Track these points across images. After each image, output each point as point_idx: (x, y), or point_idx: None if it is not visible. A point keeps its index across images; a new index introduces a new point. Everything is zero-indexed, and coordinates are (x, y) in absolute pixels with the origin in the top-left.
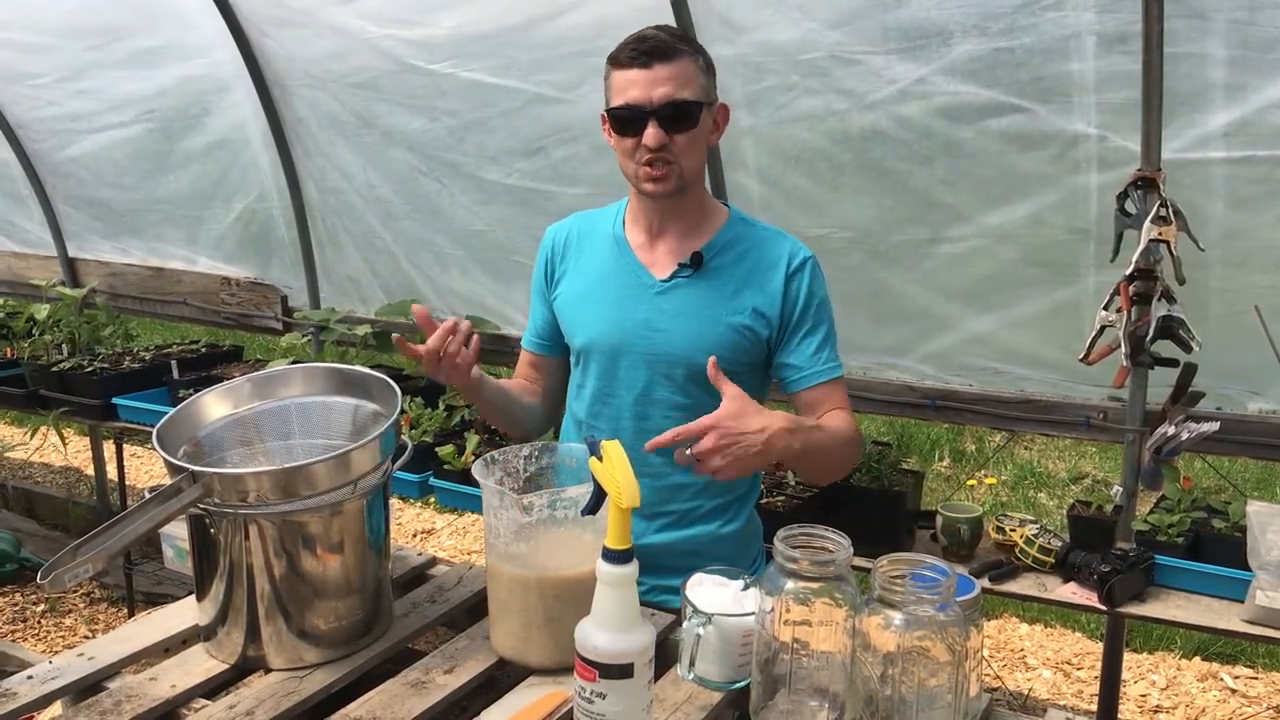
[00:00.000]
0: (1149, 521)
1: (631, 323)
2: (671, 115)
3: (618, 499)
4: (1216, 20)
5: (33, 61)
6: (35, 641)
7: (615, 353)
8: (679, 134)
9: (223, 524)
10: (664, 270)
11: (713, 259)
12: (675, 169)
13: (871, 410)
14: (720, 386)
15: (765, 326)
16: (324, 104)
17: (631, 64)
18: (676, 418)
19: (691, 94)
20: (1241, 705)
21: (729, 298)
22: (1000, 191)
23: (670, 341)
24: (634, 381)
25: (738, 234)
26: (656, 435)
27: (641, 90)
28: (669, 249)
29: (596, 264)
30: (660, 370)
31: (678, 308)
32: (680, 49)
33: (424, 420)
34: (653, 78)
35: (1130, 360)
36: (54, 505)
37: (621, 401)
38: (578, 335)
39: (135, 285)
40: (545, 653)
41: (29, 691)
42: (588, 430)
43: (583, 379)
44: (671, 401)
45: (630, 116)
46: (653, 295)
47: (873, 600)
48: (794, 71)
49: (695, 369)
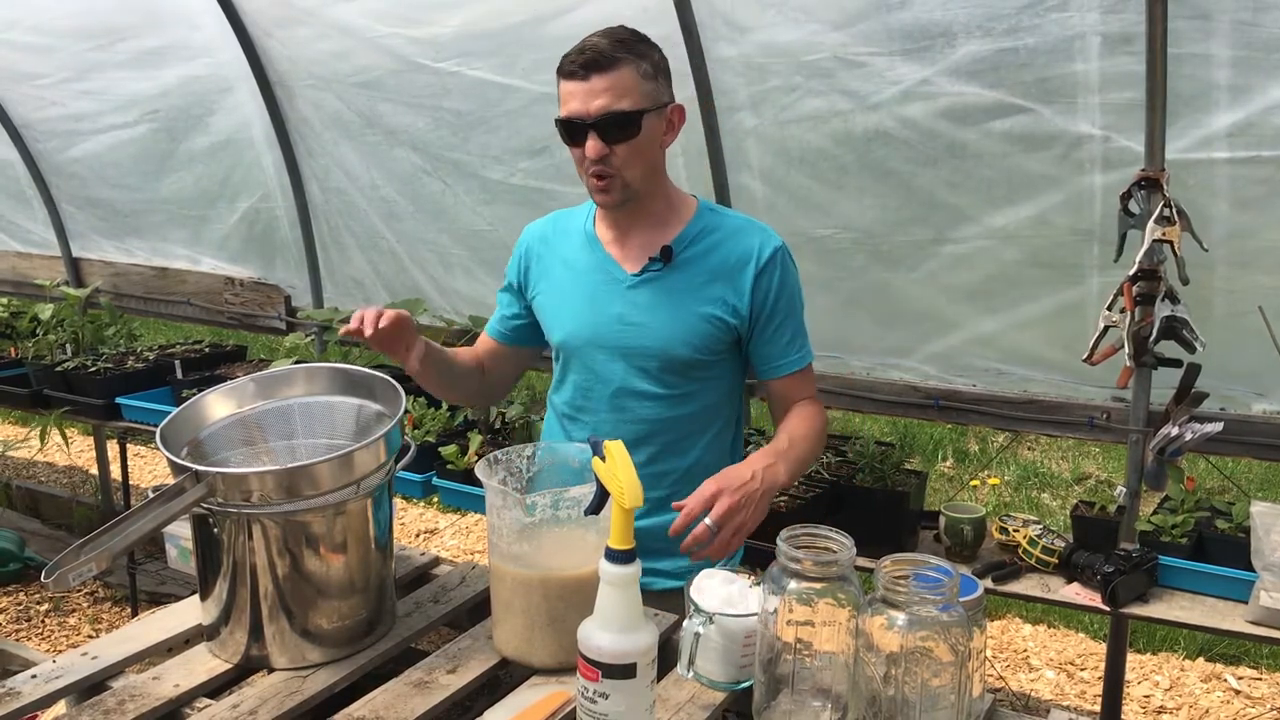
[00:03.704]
0: (1153, 522)
1: (605, 317)
2: (610, 126)
3: (620, 499)
4: (1221, 21)
5: (37, 62)
6: (39, 641)
7: (591, 347)
8: (619, 144)
9: (226, 524)
10: (635, 265)
11: (683, 251)
12: (617, 181)
13: (874, 410)
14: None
15: (735, 318)
16: (328, 104)
17: (572, 75)
18: (654, 408)
19: (630, 104)
20: (1245, 706)
21: (699, 289)
22: (1004, 192)
23: (644, 335)
24: (611, 375)
25: (707, 225)
26: (635, 425)
27: (580, 102)
28: (639, 244)
29: (571, 261)
30: (636, 363)
31: (649, 301)
32: (619, 57)
33: (427, 420)
34: (590, 89)
35: (1134, 361)
36: (58, 505)
37: (600, 395)
38: (555, 332)
39: (139, 285)
40: (548, 652)
41: (33, 690)
42: (570, 424)
43: (562, 374)
44: (648, 393)
45: (571, 129)
46: (624, 290)
47: (876, 600)
48: (797, 72)
49: (670, 360)
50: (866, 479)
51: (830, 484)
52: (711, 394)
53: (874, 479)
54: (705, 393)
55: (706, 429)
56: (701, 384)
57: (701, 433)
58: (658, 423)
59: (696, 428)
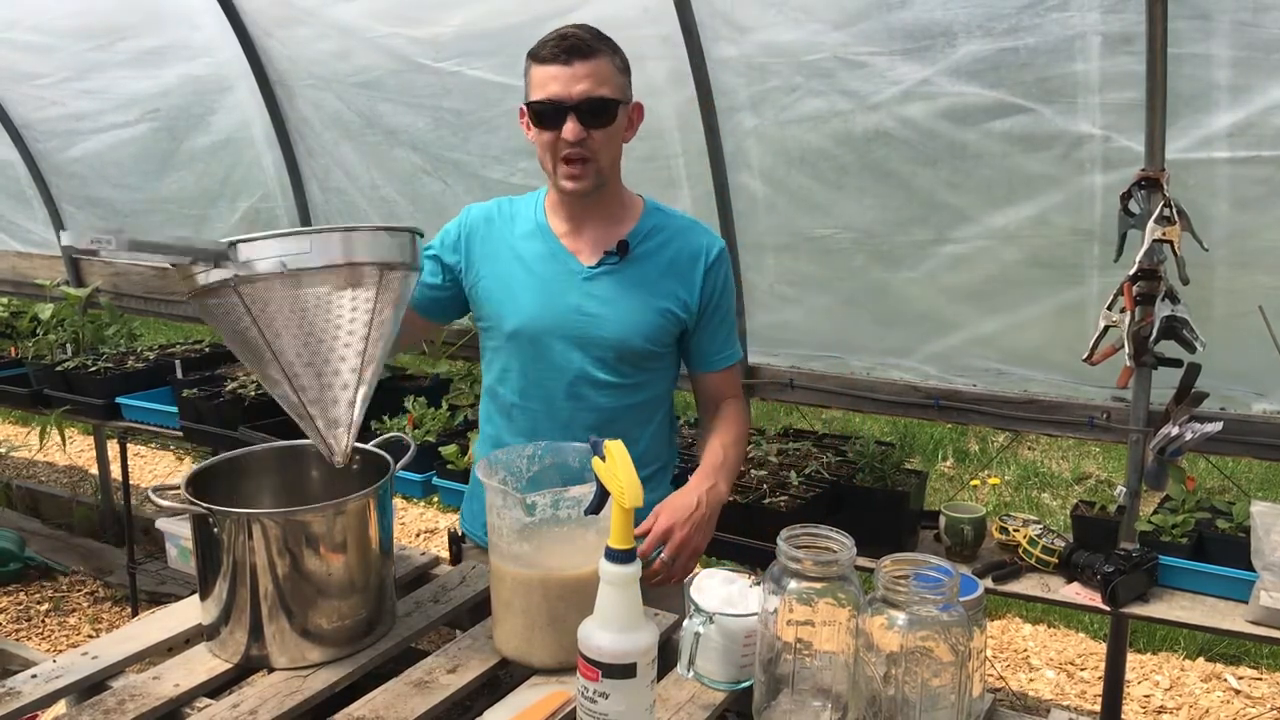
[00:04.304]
0: (1153, 522)
1: (562, 308)
2: (590, 111)
3: (620, 499)
4: (1221, 21)
5: (37, 62)
6: (39, 640)
7: (547, 336)
8: (597, 129)
9: (226, 523)
10: (590, 258)
11: (637, 246)
12: (593, 166)
13: (874, 410)
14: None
15: (685, 312)
16: (328, 103)
17: (553, 60)
18: (609, 395)
19: (609, 91)
20: (1245, 706)
21: (654, 283)
22: (1004, 192)
23: (602, 325)
24: (567, 364)
25: (657, 223)
26: (591, 414)
27: (562, 86)
28: (593, 237)
29: (520, 250)
30: (593, 353)
31: (607, 293)
32: (598, 48)
33: (427, 420)
34: (572, 74)
35: (1134, 360)
36: (58, 504)
37: (555, 383)
38: (507, 319)
39: (139, 285)
40: (548, 652)
41: (33, 690)
42: (518, 411)
43: (506, 360)
44: (605, 382)
45: (549, 111)
46: (581, 281)
47: (876, 600)
48: (798, 73)
49: (626, 351)
50: (867, 479)
51: (830, 484)
52: (658, 385)
53: (874, 479)
54: (653, 383)
55: (651, 419)
56: (650, 375)
57: (648, 422)
58: (611, 411)
59: (644, 417)
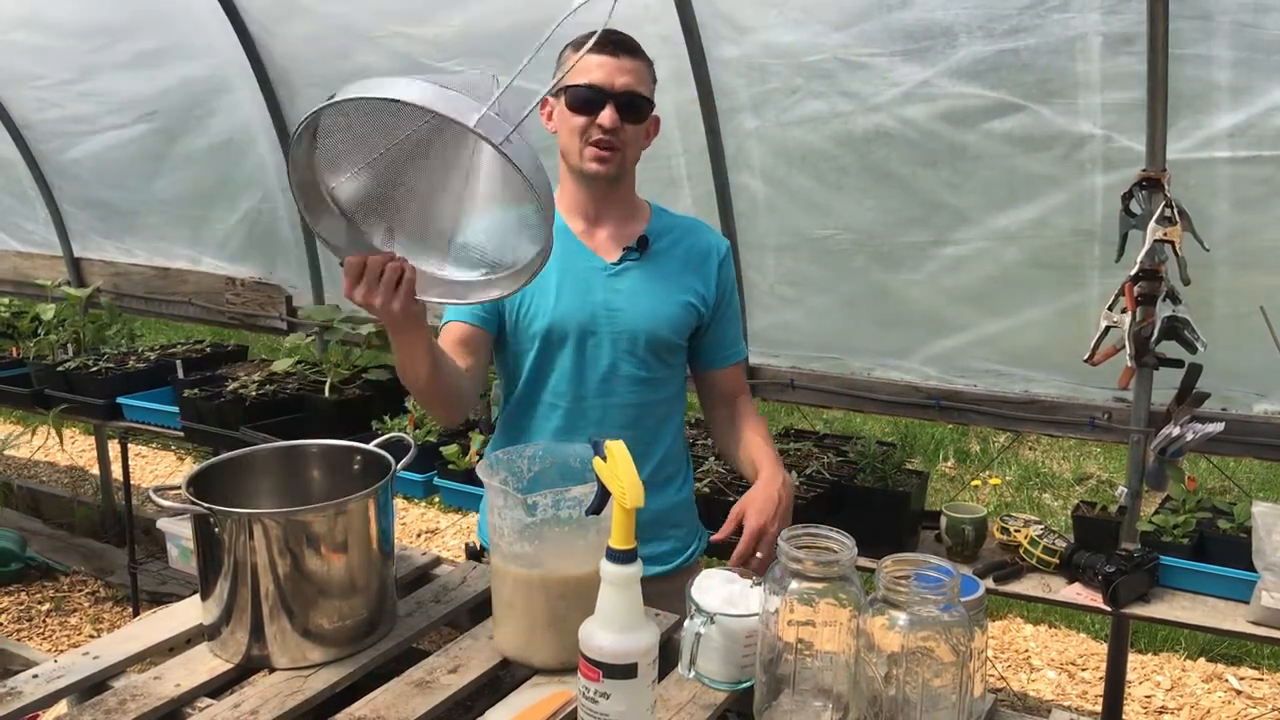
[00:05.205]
0: (1154, 522)
1: (592, 305)
2: (629, 104)
3: (622, 499)
4: (1222, 22)
5: (37, 63)
6: (40, 640)
7: (581, 334)
8: (630, 123)
9: (227, 523)
10: (610, 255)
11: (654, 243)
12: (619, 155)
13: (875, 410)
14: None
15: (704, 306)
16: None
17: (600, 50)
18: (637, 390)
19: (646, 91)
20: (1247, 706)
21: (675, 277)
22: (1005, 193)
23: (631, 319)
24: (598, 360)
25: (666, 223)
26: (623, 410)
27: (606, 75)
28: (609, 235)
29: None
30: (623, 347)
31: (632, 288)
32: (641, 52)
33: (428, 420)
34: (619, 66)
35: (1135, 361)
36: (59, 504)
37: (588, 380)
38: (537, 318)
39: (140, 285)
40: (549, 652)
41: (34, 690)
42: (549, 410)
43: (540, 362)
44: (635, 376)
45: (591, 97)
46: (606, 278)
47: (877, 601)
48: (798, 74)
49: (655, 342)
50: (868, 479)
51: (831, 484)
52: (676, 382)
53: (875, 479)
54: (673, 380)
55: (673, 415)
56: (671, 370)
57: (671, 418)
58: (639, 408)
59: (668, 412)
